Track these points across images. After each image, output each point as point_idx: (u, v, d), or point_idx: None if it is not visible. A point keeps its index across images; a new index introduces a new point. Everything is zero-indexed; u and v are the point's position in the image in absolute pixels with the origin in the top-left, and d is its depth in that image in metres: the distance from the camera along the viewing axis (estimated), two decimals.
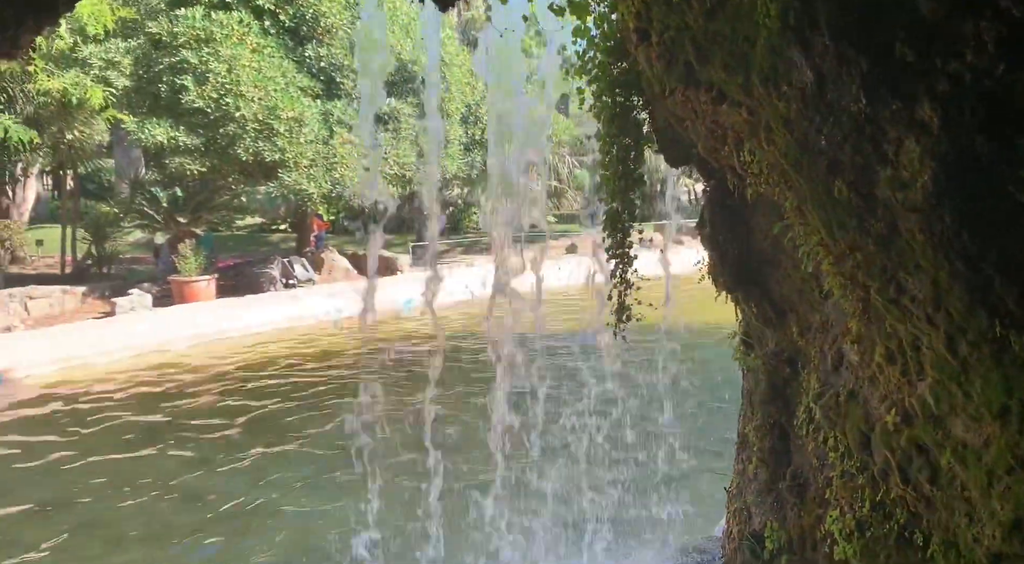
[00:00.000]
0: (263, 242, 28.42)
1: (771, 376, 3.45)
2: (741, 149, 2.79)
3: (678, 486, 6.96)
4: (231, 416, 10.30)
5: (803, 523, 3.21)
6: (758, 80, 2.45)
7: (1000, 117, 1.94)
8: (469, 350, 12.82)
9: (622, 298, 3.44)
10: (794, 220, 2.76)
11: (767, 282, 3.35)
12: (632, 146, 3.29)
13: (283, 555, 6.41)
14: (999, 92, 1.91)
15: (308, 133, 16.75)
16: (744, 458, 3.80)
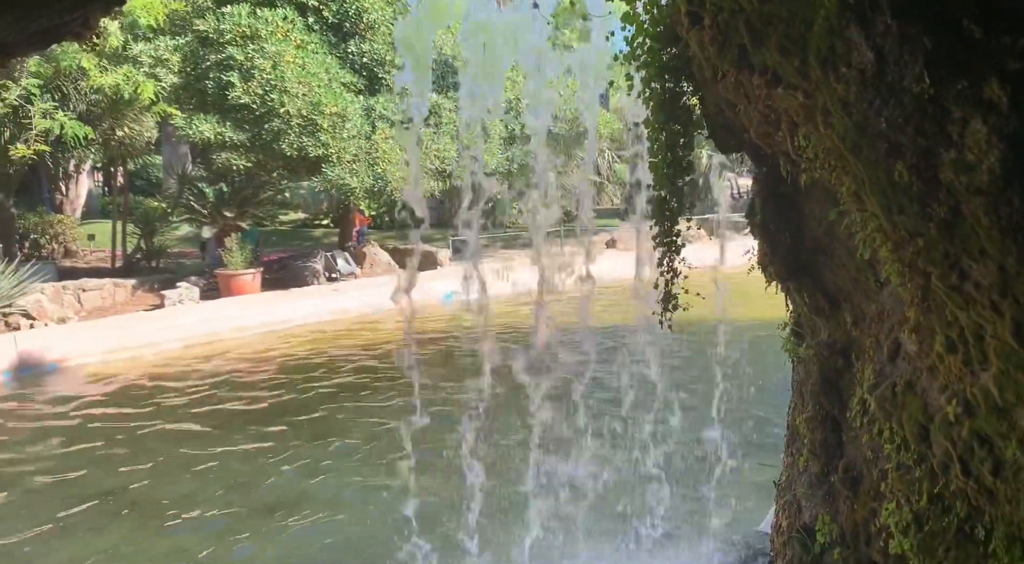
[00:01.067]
0: (306, 237, 28.77)
1: (823, 367, 3.39)
2: (796, 134, 2.74)
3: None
4: (278, 405, 10.48)
5: (856, 516, 3.15)
6: (815, 62, 2.40)
7: None
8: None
9: (669, 287, 3.41)
10: (850, 206, 2.70)
11: (820, 271, 3.28)
12: (681, 133, 3.26)
13: (333, 543, 6.49)
14: None
15: (351, 128, 16.91)
16: (794, 450, 3.74)
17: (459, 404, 7.28)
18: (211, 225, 18.56)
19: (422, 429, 8.15)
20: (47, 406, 10.77)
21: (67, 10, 1.32)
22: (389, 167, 17.18)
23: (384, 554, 6.12)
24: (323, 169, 16.92)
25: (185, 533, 6.74)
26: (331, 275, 18.25)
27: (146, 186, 31.60)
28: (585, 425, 6.93)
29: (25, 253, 17.61)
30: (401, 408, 9.99)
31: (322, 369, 12.44)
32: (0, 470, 8.30)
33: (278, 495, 7.51)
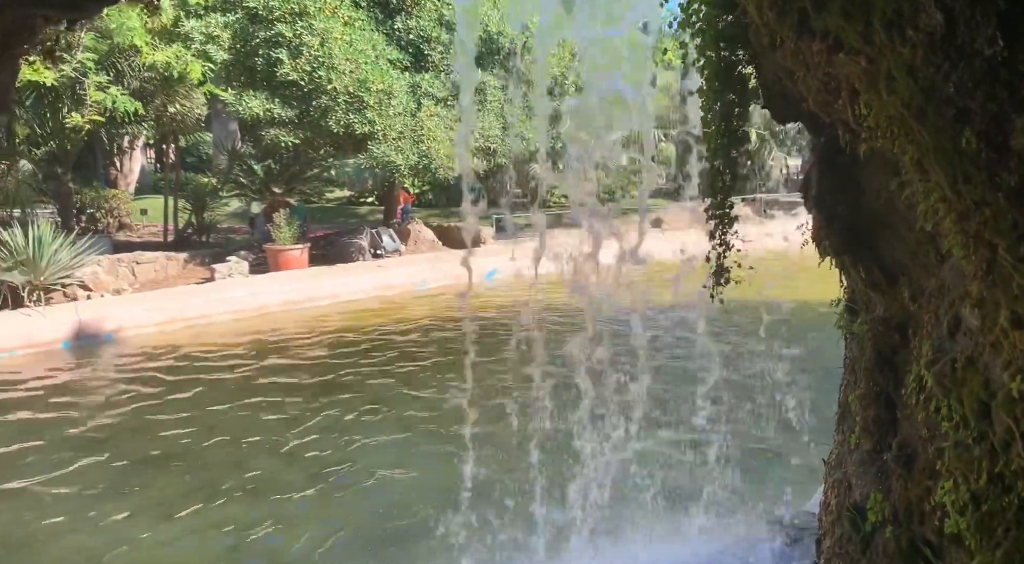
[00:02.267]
0: (351, 214, 29.07)
1: (878, 343, 3.32)
2: (857, 101, 2.66)
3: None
4: (326, 377, 10.68)
5: (910, 495, 3.09)
6: (880, 26, 2.32)
7: None
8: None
9: (721, 260, 3.36)
10: (913, 176, 2.62)
11: (877, 245, 3.20)
12: (736, 102, 3.19)
13: (377, 515, 6.60)
14: None
15: (396, 105, 16.97)
16: (846, 428, 3.68)
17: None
18: (260, 201, 18.86)
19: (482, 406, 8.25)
20: (104, 374, 11.13)
21: None
22: (434, 144, 17.22)
23: (434, 518, 6.23)
24: (369, 146, 17.03)
25: (235, 499, 6.92)
26: (376, 251, 18.44)
27: (196, 162, 32.22)
28: None
29: (82, 226, 18.11)
30: (448, 382, 10.10)
31: (368, 343, 12.62)
32: (61, 435, 8.61)
33: (327, 462, 7.67)
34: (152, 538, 6.22)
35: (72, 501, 6.89)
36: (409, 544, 6.08)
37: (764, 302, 8.30)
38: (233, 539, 6.25)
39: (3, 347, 11.77)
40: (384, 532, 6.28)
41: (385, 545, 6.08)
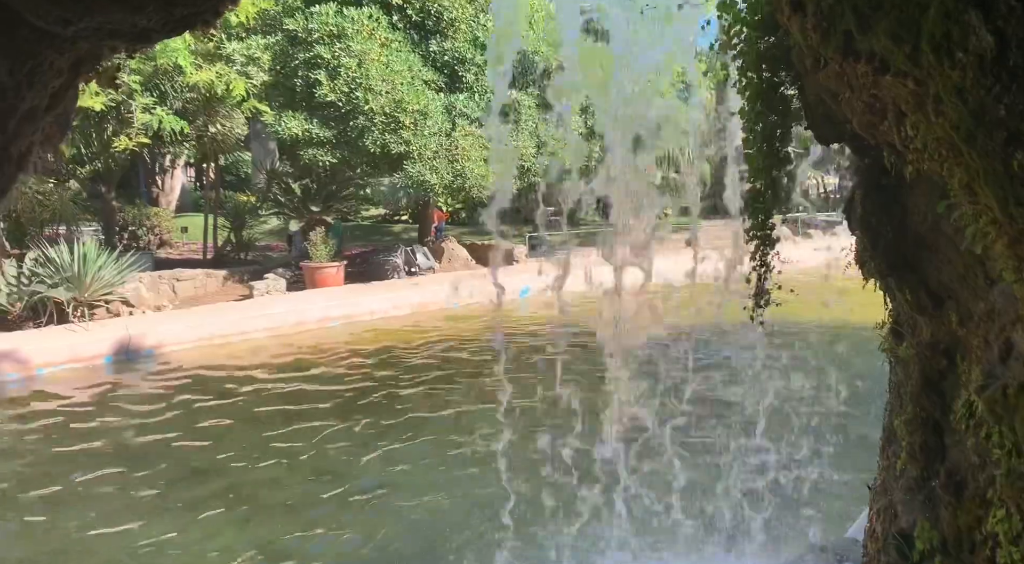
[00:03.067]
0: (386, 232, 29.37)
1: (925, 368, 3.26)
2: (903, 123, 2.64)
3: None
4: (363, 393, 10.75)
5: (960, 524, 3.02)
6: (928, 48, 2.30)
7: None
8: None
9: (762, 282, 3.34)
10: (961, 199, 2.58)
11: (923, 267, 3.16)
12: (778, 123, 3.18)
13: (413, 532, 6.61)
14: None
15: (432, 125, 17.15)
16: (891, 453, 3.61)
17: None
18: (298, 219, 19.14)
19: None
20: (145, 390, 11.32)
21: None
22: (468, 164, 17.36)
23: (472, 538, 6.22)
24: (404, 166, 17.22)
25: (274, 515, 6.98)
26: (410, 269, 18.59)
27: (235, 181, 32.84)
28: None
29: (124, 243, 18.54)
30: (484, 396, 10.12)
31: (403, 359, 12.69)
32: (103, 448, 8.77)
33: (365, 479, 7.70)
34: (189, 553, 6.29)
35: (112, 513, 7.00)
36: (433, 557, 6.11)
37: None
38: (270, 555, 6.30)
39: (48, 362, 12.05)
40: (420, 549, 6.29)
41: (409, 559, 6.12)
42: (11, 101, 1.36)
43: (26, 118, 1.41)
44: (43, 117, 1.45)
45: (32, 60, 1.39)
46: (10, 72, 1.34)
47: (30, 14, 1.28)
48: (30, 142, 1.47)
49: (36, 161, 1.65)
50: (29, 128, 1.43)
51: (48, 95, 1.45)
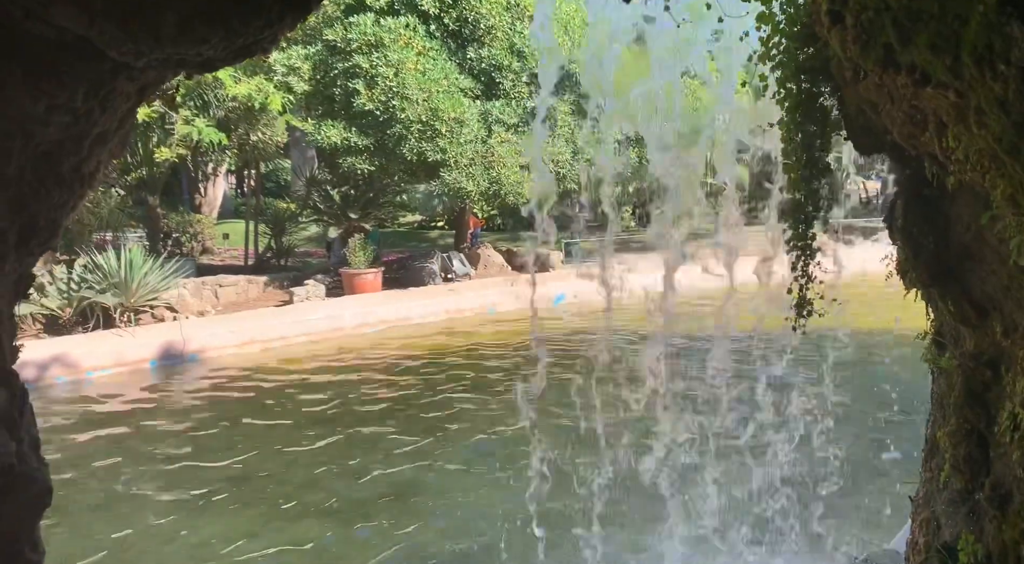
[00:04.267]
0: (422, 238, 29.59)
1: (968, 379, 3.22)
2: (944, 134, 2.63)
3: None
4: (401, 397, 10.89)
5: (1005, 537, 2.98)
6: (970, 60, 2.30)
7: None
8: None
9: (803, 292, 3.34)
10: (1005, 210, 2.57)
11: (967, 278, 3.13)
12: (818, 134, 3.18)
13: (450, 535, 6.68)
14: None
15: (468, 133, 17.28)
16: (934, 465, 3.57)
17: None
18: (337, 226, 19.41)
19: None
20: (188, 393, 11.59)
21: (265, 28, 1.46)
22: (504, 170, 17.44)
23: (502, 540, 6.27)
24: (441, 173, 17.37)
25: (309, 517, 7.10)
26: (447, 276, 18.72)
27: (275, 188, 33.35)
28: None
29: (168, 250, 18.97)
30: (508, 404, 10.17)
31: (440, 364, 12.80)
32: (149, 450, 9.00)
33: (400, 483, 7.80)
34: (234, 553, 6.43)
35: (159, 514, 7.19)
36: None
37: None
38: (311, 557, 6.41)
39: (96, 365, 12.39)
40: (454, 552, 6.36)
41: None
42: (84, 126, 1.46)
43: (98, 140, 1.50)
44: (112, 138, 1.54)
45: (106, 88, 1.48)
46: (86, 99, 1.43)
47: (109, 48, 1.37)
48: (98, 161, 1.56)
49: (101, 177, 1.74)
50: (100, 149, 1.52)
51: (117, 118, 1.54)
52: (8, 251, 1.44)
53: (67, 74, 1.39)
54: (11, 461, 1.39)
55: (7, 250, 1.43)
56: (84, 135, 1.48)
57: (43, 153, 1.40)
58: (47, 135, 1.40)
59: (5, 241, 1.40)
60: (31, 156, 1.38)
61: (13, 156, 1.34)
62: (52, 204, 1.47)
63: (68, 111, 1.42)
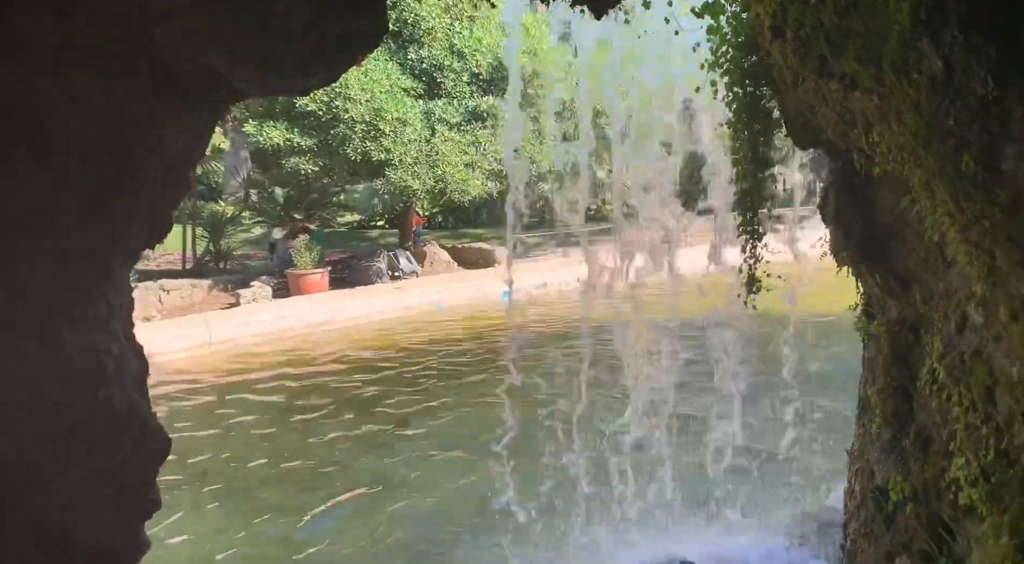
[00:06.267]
0: (363, 238, 29.52)
1: (894, 342, 3.72)
2: (870, 132, 3.09)
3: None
4: (352, 397, 11.06)
5: (927, 475, 3.48)
6: (890, 70, 2.76)
7: None
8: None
9: (752, 271, 3.78)
10: (921, 195, 3.05)
11: (891, 255, 3.62)
12: (762, 132, 3.63)
13: (419, 521, 6.98)
14: None
15: (411, 132, 17.49)
16: (866, 420, 4.07)
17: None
18: (281, 227, 19.35)
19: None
20: None
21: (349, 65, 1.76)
22: (449, 169, 17.73)
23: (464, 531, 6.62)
24: (386, 172, 17.54)
25: (274, 514, 7.25)
26: (394, 274, 18.89)
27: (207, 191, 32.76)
28: None
29: None
30: (464, 397, 10.51)
31: (392, 362, 13.01)
32: None
33: (358, 477, 8.04)
34: (195, 550, 6.57)
35: None
36: (441, 549, 6.48)
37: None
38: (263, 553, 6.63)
39: None
40: (421, 543, 6.67)
41: (417, 551, 6.49)
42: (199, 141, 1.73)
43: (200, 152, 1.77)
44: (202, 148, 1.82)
45: (219, 111, 1.76)
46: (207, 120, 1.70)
47: (237, 81, 1.65)
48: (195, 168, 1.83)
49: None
50: (198, 158, 1.79)
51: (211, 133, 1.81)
52: (141, 245, 1.70)
53: (199, 101, 1.66)
54: (146, 417, 1.66)
55: (140, 244, 1.69)
56: (195, 148, 1.75)
57: (169, 164, 1.66)
58: (175, 149, 1.67)
59: (139, 236, 1.66)
60: (162, 167, 1.65)
61: (153, 167, 1.61)
62: (170, 205, 1.73)
63: (193, 129, 1.70)
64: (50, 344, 1.47)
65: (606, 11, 3.17)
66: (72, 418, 1.50)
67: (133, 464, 1.63)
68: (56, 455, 1.44)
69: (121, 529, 1.63)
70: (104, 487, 1.55)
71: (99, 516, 1.55)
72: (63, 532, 1.47)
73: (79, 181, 1.45)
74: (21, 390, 1.42)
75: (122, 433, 1.61)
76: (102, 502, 1.55)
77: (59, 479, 1.45)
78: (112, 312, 1.69)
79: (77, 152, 1.43)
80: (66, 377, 1.51)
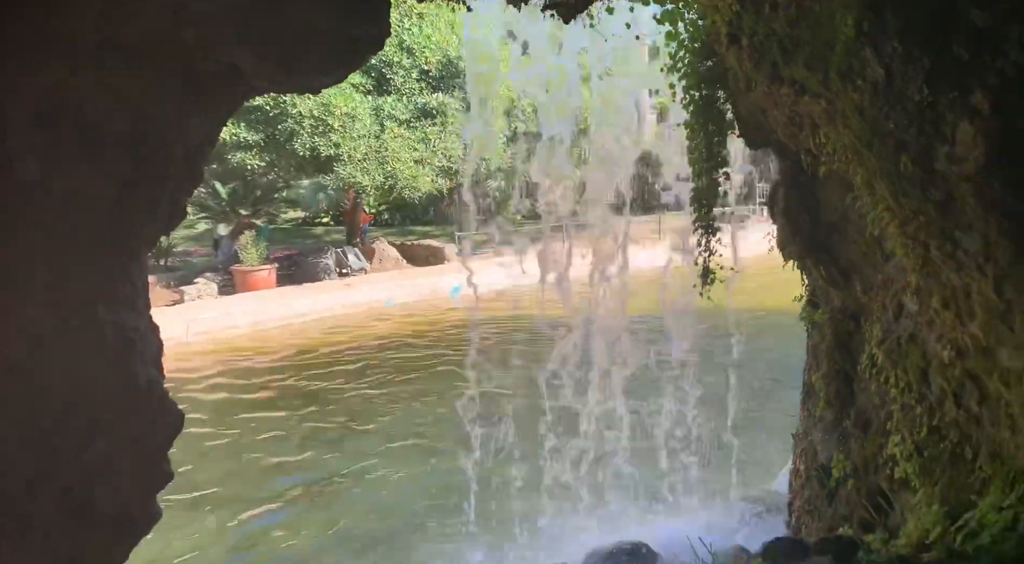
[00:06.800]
0: (308, 235, 29.20)
1: (837, 330, 3.99)
2: (817, 133, 3.33)
3: None
4: (300, 393, 11.03)
5: (866, 452, 3.76)
6: (836, 76, 2.99)
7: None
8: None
9: (706, 262, 4.00)
10: (863, 192, 3.30)
11: (834, 249, 3.89)
12: (716, 133, 3.85)
13: (366, 515, 7.07)
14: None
15: (360, 128, 17.44)
16: (810, 404, 4.34)
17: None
18: (226, 223, 19.06)
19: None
20: None
21: (359, 65, 1.88)
22: (399, 165, 17.73)
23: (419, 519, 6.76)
24: (335, 168, 17.44)
25: (224, 510, 7.24)
26: (342, 271, 18.79)
27: None
28: None
29: None
30: (416, 392, 10.61)
31: (342, 359, 12.98)
32: None
33: (315, 470, 8.08)
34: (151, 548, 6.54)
35: None
36: (399, 539, 6.62)
37: None
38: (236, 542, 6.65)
39: None
40: (374, 528, 6.78)
41: (376, 541, 6.61)
42: (215, 134, 1.83)
43: (211, 143, 1.87)
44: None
45: (238, 105, 1.86)
46: (226, 113, 1.80)
47: (260, 80, 1.75)
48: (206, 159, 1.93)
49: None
50: (210, 150, 1.88)
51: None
52: (160, 231, 1.79)
53: (219, 97, 1.76)
54: (163, 393, 1.75)
55: (160, 230, 1.78)
56: (211, 140, 1.84)
57: (188, 156, 1.75)
58: (195, 142, 1.77)
59: (160, 223, 1.75)
60: (183, 158, 1.74)
61: (175, 159, 1.70)
62: (186, 195, 1.83)
63: (211, 123, 1.79)
64: (88, 323, 1.56)
65: (574, 16, 3.34)
66: (105, 392, 1.59)
67: (151, 437, 1.72)
68: (88, 427, 1.52)
69: (138, 499, 1.72)
70: (125, 459, 1.64)
71: (120, 486, 1.64)
72: (89, 501, 1.55)
73: (115, 170, 1.54)
74: (64, 366, 1.50)
75: (144, 407, 1.70)
76: (123, 473, 1.64)
77: (88, 450, 1.53)
78: (137, 292, 1.78)
79: (114, 143, 1.52)
80: (101, 353, 1.60)
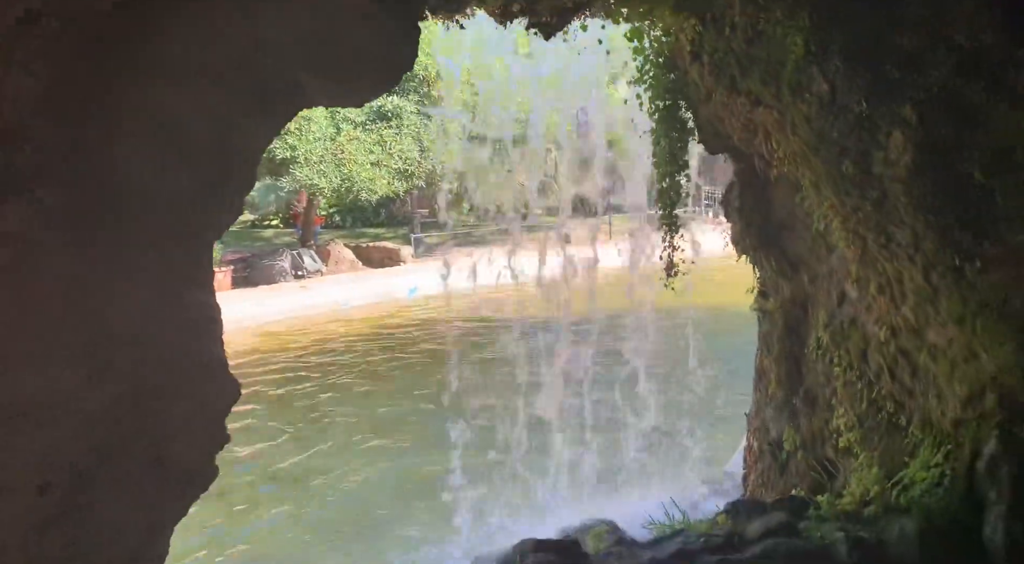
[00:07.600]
0: (257, 237, 28.97)
1: (786, 317, 4.41)
2: (769, 140, 3.74)
3: None
4: (263, 394, 11.12)
5: (814, 426, 4.18)
6: (787, 89, 3.39)
7: (957, 117, 2.91)
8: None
9: (671, 257, 4.38)
10: (810, 192, 3.71)
11: (784, 243, 4.31)
12: (678, 139, 4.22)
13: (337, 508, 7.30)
14: (956, 100, 2.88)
15: (316, 130, 17.53)
16: (762, 386, 4.76)
17: None
18: None
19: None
20: None
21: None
22: (355, 167, 17.86)
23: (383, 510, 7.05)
24: (292, 170, 17.49)
25: (197, 507, 7.35)
26: (298, 273, 18.79)
27: None
28: None
29: None
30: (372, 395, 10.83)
31: (301, 360, 13.09)
32: None
33: (277, 471, 8.25)
34: None
35: None
36: (374, 530, 6.86)
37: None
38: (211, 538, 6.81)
39: None
40: (345, 520, 7.02)
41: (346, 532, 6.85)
42: (270, 140, 2.10)
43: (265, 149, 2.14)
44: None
45: (291, 114, 2.14)
46: (283, 121, 2.08)
47: (316, 94, 2.03)
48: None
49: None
50: (261, 154, 2.15)
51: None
52: (229, 223, 2.05)
53: (283, 108, 2.03)
54: (226, 364, 2.00)
55: (225, 224, 2.04)
56: (265, 146, 2.11)
57: (249, 160, 2.02)
58: (256, 147, 2.04)
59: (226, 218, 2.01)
60: (245, 162, 2.00)
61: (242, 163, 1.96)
62: (243, 194, 2.09)
63: (271, 132, 2.07)
64: (181, 302, 1.81)
65: (554, 33, 3.68)
66: (190, 362, 1.84)
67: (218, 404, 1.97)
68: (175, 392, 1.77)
69: (204, 457, 1.98)
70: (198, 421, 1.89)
71: (192, 444, 1.89)
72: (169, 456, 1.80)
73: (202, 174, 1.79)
74: (165, 339, 1.75)
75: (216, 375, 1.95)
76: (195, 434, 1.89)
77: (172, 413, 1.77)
78: (210, 276, 2.03)
79: (204, 151, 1.77)
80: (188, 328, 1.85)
